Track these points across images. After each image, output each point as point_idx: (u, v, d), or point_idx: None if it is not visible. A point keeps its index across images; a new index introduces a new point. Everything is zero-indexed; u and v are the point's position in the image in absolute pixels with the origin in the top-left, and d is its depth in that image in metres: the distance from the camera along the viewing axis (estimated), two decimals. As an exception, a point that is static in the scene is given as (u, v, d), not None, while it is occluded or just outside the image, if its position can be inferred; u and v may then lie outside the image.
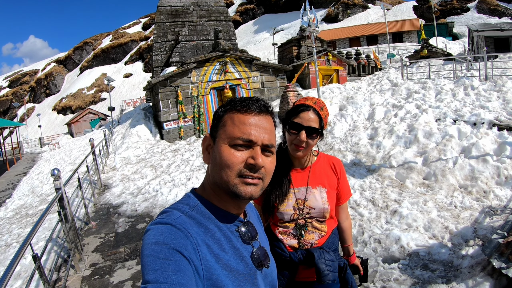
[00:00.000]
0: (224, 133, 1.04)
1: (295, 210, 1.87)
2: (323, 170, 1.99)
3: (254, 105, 1.06)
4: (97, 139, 17.57)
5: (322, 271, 1.75)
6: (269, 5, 74.18)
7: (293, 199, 1.89)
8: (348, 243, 2.13)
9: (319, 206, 1.87)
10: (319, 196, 1.89)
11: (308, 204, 1.88)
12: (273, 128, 1.10)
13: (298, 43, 21.54)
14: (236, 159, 1.00)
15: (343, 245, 2.14)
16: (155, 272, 0.81)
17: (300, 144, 1.79)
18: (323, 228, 1.90)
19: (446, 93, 11.05)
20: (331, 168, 2.01)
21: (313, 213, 1.87)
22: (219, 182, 1.02)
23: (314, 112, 1.81)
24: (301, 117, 1.80)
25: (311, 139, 1.79)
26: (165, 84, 15.96)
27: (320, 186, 1.92)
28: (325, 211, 1.88)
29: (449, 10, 51.70)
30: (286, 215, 1.88)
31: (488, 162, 6.11)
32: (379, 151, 7.89)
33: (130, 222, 6.86)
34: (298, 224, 1.87)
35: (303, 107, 1.83)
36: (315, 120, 1.80)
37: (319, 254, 1.80)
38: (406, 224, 4.88)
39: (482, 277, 3.33)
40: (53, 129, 61.26)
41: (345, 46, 46.28)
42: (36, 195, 12.01)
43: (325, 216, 1.90)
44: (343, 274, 1.94)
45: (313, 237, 1.87)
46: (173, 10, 20.07)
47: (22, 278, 5.03)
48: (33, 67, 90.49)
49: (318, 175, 1.96)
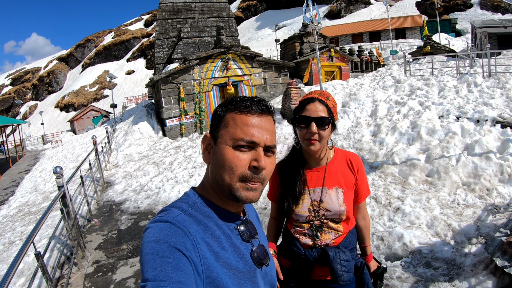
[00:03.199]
0: (227, 133, 1.03)
1: (310, 212, 1.83)
2: (340, 168, 1.90)
3: (256, 106, 1.05)
4: (99, 136, 17.62)
5: (337, 271, 1.72)
6: (271, 1, 73.90)
7: (308, 200, 1.84)
8: (365, 243, 2.06)
9: (335, 208, 1.81)
10: (335, 197, 1.82)
11: (323, 206, 1.82)
12: (274, 129, 1.10)
13: (300, 39, 21.44)
14: (240, 162, 1.00)
15: (360, 245, 2.07)
16: (154, 270, 0.81)
17: (312, 137, 1.73)
18: (339, 228, 1.85)
19: (449, 90, 11.00)
20: (347, 166, 1.92)
21: (328, 215, 1.82)
22: (221, 183, 1.02)
23: (320, 103, 1.75)
24: (308, 110, 1.75)
25: (322, 130, 1.73)
26: (167, 81, 15.95)
27: (337, 187, 1.85)
28: (341, 213, 1.81)
29: (452, 6, 51.38)
30: (301, 217, 1.84)
31: (491, 159, 6.08)
32: (382, 148, 7.88)
33: (133, 219, 6.87)
34: (313, 225, 1.83)
35: (308, 100, 1.78)
36: (323, 110, 1.74)
37: (334, 253, 1.76)
38: (409, 221, 4.87)
39: (485, 275, 3.32)
40: (55, 126, 61.42)
41: (347, 42, 46.08)
42: (39, 193, 12.04)
43: (341, 218, 1.83)
44: (360, 274, 1.89)
45: (329, 236, 1.83)
46: (175, 6, 20.03)
47: (25, 276, 5.05)
48: (35, 65, 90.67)
49: (334, 174, 1.88)
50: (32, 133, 51.58)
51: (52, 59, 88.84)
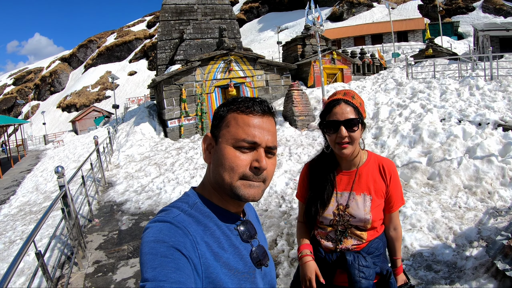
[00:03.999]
0: (228, 133, 1.02)
1: (334, 215, 1.78)
2: (371, 174, 1.82)
3: (258, 107, 1.05)
4: (101, 136, 17.65)
5: (354, 276, 1.67)
6: (273, 4, 74.06)
7: (335, 204, 1.79)
8: (396, 255, 1.94)
9: (360, 215, 1.74)
10: (362, 204, 1.75)
11: (349, 211, 1.76)
12: (275, 130, 1.10)
13: (302, 41, 21.46)
14: (241, 161, 1.00)
15: (391, 257, 1.97)
16: (154, 270, 0.81)
17: (343, 140, 1.67)
18: (362, 235, 1.77)
19: (451, 92, 10.99)
20: (379, 172, 1.83)
21: (353, 221, 1.75)
22: (221, 183, 1.01)
23: (346, 103, 1.69)
24: (335, 113, 1.69)
25: (352, 132, 1.67)
26: (169, 82, 15.98)
27: (365, 193, 1.77)
28: (366, 221, 1.74)
29: (454, 9, 51.39)
30: (325, 219, 1.80)
31: (493, 162, 6.06)
32: (384, 150, 7.87)
33: (134, 220, 6.87)
34: (338, 230, 1.78)
35: (333, 102, 1.72)
36: (351, 111, 1.67)
37: (353, 258, 1.70)
38: (410, 224, 4.85)
39: (486, 278, 3.30)
40: (57, 126, 61.53)
41: (350, 45, 46.13)
42: (40, 192, 12.06)
43: (366, 227, 1.76)
44: (386, 282, 1.80)
45: (351, 242, 1.77)
46: (177, 8, 20.09)
47: (25, 275, 5.05)
48: (38, 65, 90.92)
49: (364, 179, 1.80)
50: (34, 133, 51.78)
51: (54, 59, 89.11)
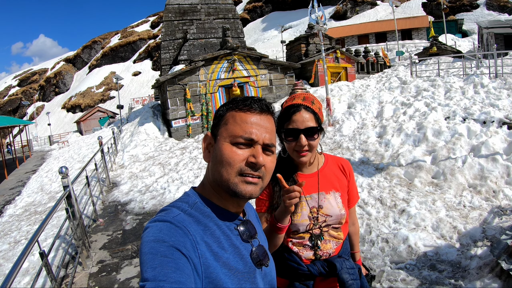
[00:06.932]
0: (226, 131, 1.04)
1: (310, 219, 1.70)
2: (333, 172, 1.82)
3: (256, 105, 1.06)
4: (105, 137, 17.70)
5: (347, 281, 1.62)
6: (277, 3, 73.90)
7: (307, 208, 1.70)
8: (355, 249, 1.98)
9: (335, 212, 1.71)
10: (334, 201, 1.72)
11: (323, 211, 1.70)
12: (274, 128, 1.11)
13: (306, 40, 21.43)
14: (238, 156, 1.00)
15: (350, 251, 1.96)
16: (153, 270, 0.81)
17: (302, 148, 1.63)
18: (339, 235, 1.75)
19: (456, 91, 10.93)
20: (340, 170, 1.85)
21: (329, 220, 1.71)
22: (219, 180, 1.02)
23: (306, 110, 1.64)
24: (294, 121, 1.63)
25: (312, 140, 1.63)
26: (173, 82, 16.02)
27: (334, 191, 1.75)
28: (342, 217, 1.72)
29: (458, 7, 51.06)
30: (302, 226, 1.70)
31: (498, 161, 6.02)
32: (388, 149, 7.84)
33: (138, 220, 6.90)
34: (313, 234, 1.70)
35: (293, 108, 1.66)
36: (310, 118, 1.63)
37: (340, 263, 1.66)
38: (414, 223, 4.84)
39: (490, 278, 3.28)
40: (62, 127, 61.86)
41: (353, 43, 45.98)
42: (45, 193, 12.12)
43: (341, 223, 1.74)
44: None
45: (330, 246, 1.72)
46: (181, 8, 20.10)
47: (30, 275, 5.08)
48: (43, 66, 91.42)
49: (328, 178, 1.78)
50: (39, 134, 52.01)
51: (59, 60, 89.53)
